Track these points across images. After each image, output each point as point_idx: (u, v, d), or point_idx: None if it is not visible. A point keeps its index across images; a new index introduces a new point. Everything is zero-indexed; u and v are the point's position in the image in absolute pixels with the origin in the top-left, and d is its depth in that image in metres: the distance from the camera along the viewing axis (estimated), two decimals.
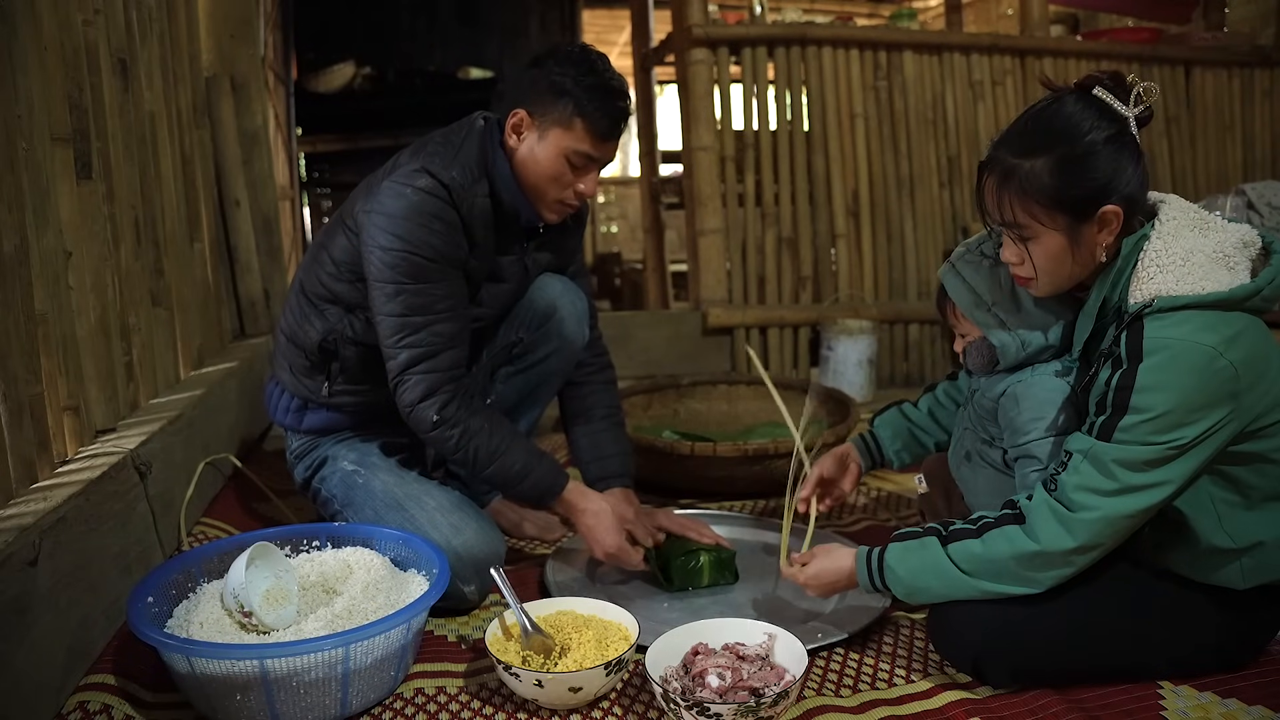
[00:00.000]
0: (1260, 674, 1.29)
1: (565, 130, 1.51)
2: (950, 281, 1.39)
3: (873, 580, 1.31)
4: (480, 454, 1.52)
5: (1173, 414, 1.11)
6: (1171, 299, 1.13)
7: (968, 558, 1.22)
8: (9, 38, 1.33)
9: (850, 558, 1.34)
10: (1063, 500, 1.16)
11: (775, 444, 2.00)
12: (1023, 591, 1.20)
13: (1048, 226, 1.20)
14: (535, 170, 1.55)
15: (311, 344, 1.66)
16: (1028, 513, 1.19)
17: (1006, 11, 5.97)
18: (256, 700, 1.16)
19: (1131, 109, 1.19)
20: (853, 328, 3.09)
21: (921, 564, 1.25)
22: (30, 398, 1.33)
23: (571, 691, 1.21)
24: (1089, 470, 1.15)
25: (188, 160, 2.28)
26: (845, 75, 3.35)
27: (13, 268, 1.30)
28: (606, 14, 7.26)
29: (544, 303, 1.76)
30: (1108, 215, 1.18)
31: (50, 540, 1.20)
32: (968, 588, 1.22)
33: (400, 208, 1.48)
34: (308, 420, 1.72)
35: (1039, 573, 1.19)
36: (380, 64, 5.37)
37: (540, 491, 1.57)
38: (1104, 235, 1.20)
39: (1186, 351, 1.11)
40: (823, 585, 1.38)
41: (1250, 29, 4.00)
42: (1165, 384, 1.11)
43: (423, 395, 1.49)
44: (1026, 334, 1.33)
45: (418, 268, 1.48)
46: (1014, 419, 1.33)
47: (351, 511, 1.62)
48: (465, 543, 1.51)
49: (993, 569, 1.20)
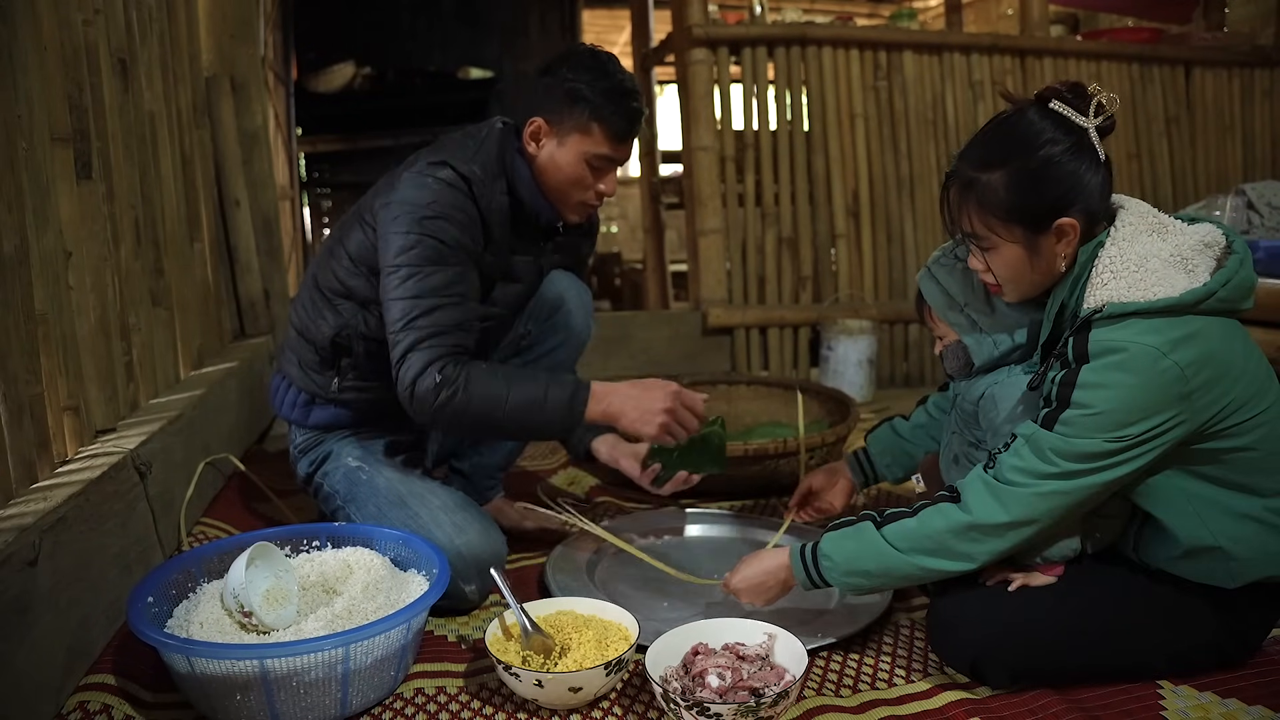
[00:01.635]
0: (1260, 674, 1.29)
1: (584, 135, 1.55)
2: (926, 285, 1.42)
3: (809, 573, 1.31)
4: (494, 395, 1.45)
5: (1114, 413, 1.13)
6: (1120, 305, 1.14)
7: (902, 535, 1.23)
8: (9, 38, 1.33)
9: (779, 556, 1.36)
10: (998, 476, 1.19)
11: (775, 444, 2.00)
12: (958, 568, 1.22)
13: (1005, 239, 1.22)
14: (557, 175, 1.58)
15: (324, 338, 1.66)
16: (962, 489, 1.22)
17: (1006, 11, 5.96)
18: (256, 700, 1.16)
19: (1091, 119, 1.19)
20: (853, 328, 3.09)
21: (858, 548, 1.26)
22: (30, 398, 1.33)
23: (571, 691, 1.21)
24: (1027, 453, 1.18)
25: (188, 160, 2.28)
26: (845, 75, 3.36)
27: (13, 268, 1.30)
28: (606, 14, 7.26)
29: (552, 295, 1.79)
30: (1064, 227, 1.20)
31: (50, 540, 1.20)
32: (903, 564, 1.23)
33: (420, 196, 1.50)
34: (314, 416, 1.72)
35: (973, 545, 1.20)
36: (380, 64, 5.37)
37: (568, 402, 1.47)
38: (1062, 246, 1.21)
39: (1129, 353, 1.12)
40: (751, 588, 1.39)
41: (1250, 29, 4.00)
42: (1106, 383, 1.13)
43: (423, 366, 1.45)
44: (997, 334, 1.35)
45: (433, 252, 1.48)
46: (992, 420, 1.35)
47: (354, 507, 1.62)
48: (468, 542, 1.51)
49: (927, 544, 1.21)
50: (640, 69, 3.99)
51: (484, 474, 1.91)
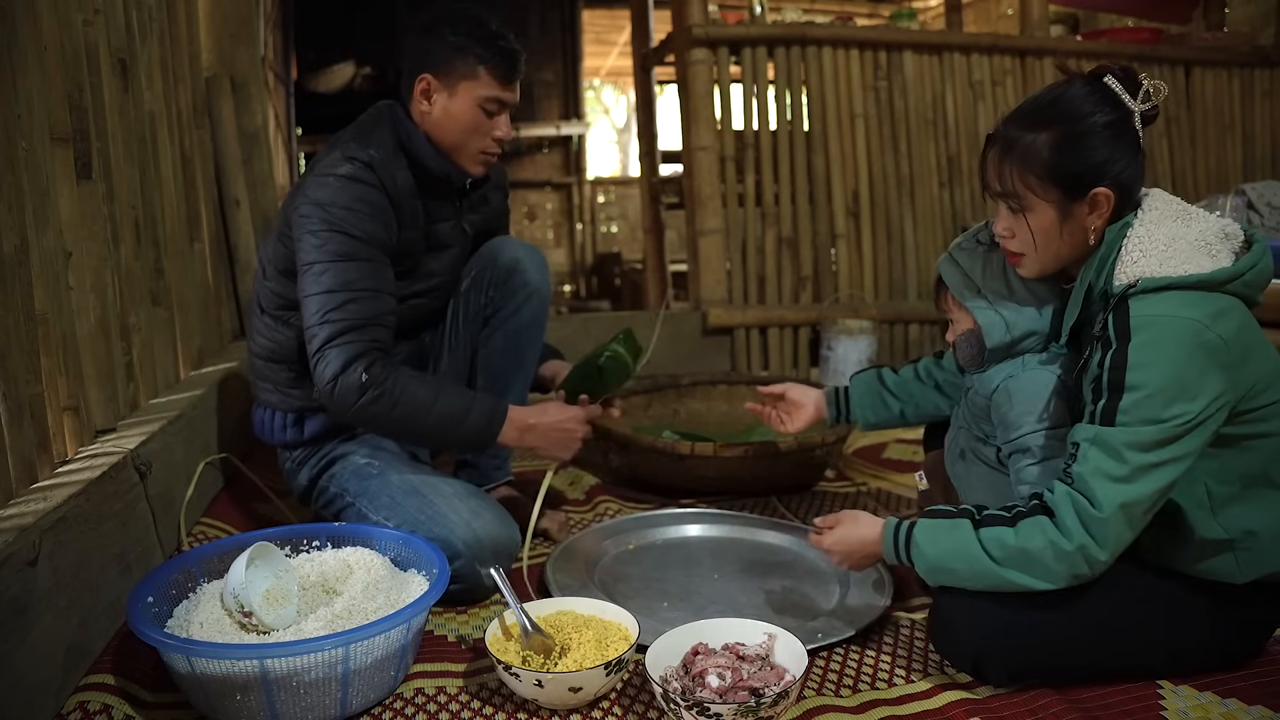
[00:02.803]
0: (1260, 674, 1.29)
1: (473, 81, 1.62)
2: (946, 267, 1.41)
3: (898, 553, 1.28)
4: (420, 401, 1.50)
5: (1170, 389, 1.12)
6: (1154, 279, 1.15)
7: (999, 544, 1.19)
8: (9, 38, 1.33)
9: (876, 527, 1.32)
10: (1083, 491, 1.15)
11: (775, 444, 2.00)
12: (1042, 587, 1.18)
13: (1040, 198, 1.24)
14: (453, 126, 1.64)
15: (290, 351, 1.68)
16: (1054, 506, 1.18)
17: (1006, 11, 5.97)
18: (256, 700, 1.16)
19: (1138, 104, 1.22)
20: (853, 328, 3.09)
21: (953, 546, 1.22)
22: (30, 398, 1.33)
23: (571, 691, 1.21)
24: (1099, 455, 1.14)
25: (188, 160, 2.28)
26: (845, 75, 3.36)
27: (13, 268, 1.30)
28: (606, 14, 7.27)
29: (506, 259, 1.83)
30: (1099, 197, 1.21)
31: (50, 540, 1.20)
32: (993, 574, 1.20)
33: (326, 195, 1.55)
34: (309, 428, 1.72)
35: (1067, 568, 1.17)
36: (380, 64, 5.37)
37: (487, 419, 1.56)
38: (1093, 218, 1.23)
39: (1173, 326, 1.13)
40: (845, 551, 1.36)
41: (1250, 29, 4.00)
42: (1157, 359, 1.12)
43: (346, 362, 1.47)
44: (1012, 315, 1.33)
45: (344, 247, 1.53)
46: (1006, 414, 1.34)
47: (365, 500, 1.62)
48: (484, 525, 1.53)
49: (1022, 559, 1.18)
50: (640, 69, 3.99)
51: (489, 453, 1.93)
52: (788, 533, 1.82)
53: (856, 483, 2.21)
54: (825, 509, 2.03)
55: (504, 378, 1.85)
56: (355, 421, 1.58)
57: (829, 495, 2.13)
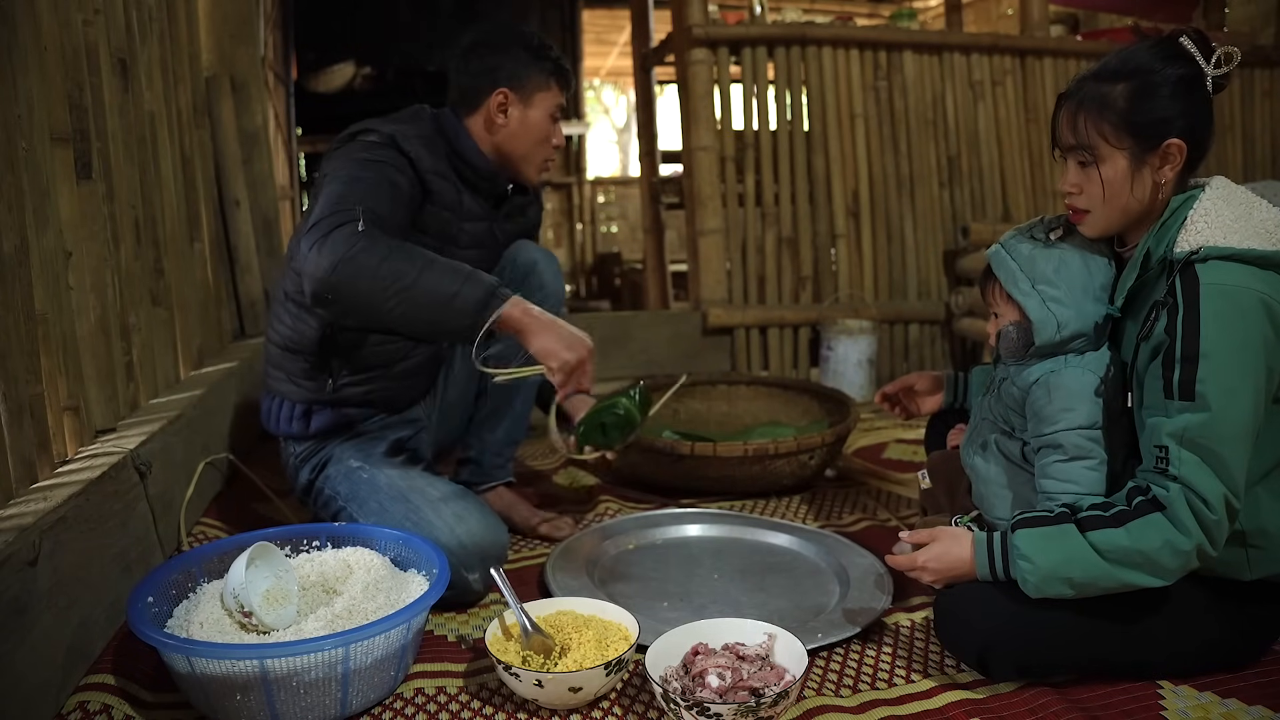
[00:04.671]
0: (1260, 674, 1.29)
1: (547, 92, 1.73)
2: (997, 257, 1.39)
3: (994, 570, 1.24)
4: (414, 256, 1.38)
5: (1243, 357, 1.13)
6: (1219, 248, 1.17)
7: (1113, 547, 1.16)
8: (9, 38, 1.33)
9: (969, 545, 1.28)
10: (1195, 490, 1.14)
11: (775, 444, 2.01)
12: (1158, 584, 1.17)
13: (1114, 147, 1.25)
14: (528, 136, 1.73)
15: (311, 342, 1.68)
16: (1169, 503, 1.15)
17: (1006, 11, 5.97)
18: (256, 700, 1.16)
19: (1210, 67, 1.25)
20: (853, 328, 3.09)
21: (1065, 555, 1.18)
22: (30, 398, 1.33)
23: (571, 691, 1.21)
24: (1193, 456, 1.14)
25: (188, 160, 2.28)
26: (845, 75, 3.35)
27: (13, 268, 1.30)
28: (606, 14, 7.26)
29: (524, 261, 1.86)
30: (1171, 149, 1.23)
31: (50, 540, 1.20)
32: (1109, 580, 1.17)
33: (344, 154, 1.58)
34: (315, 422, 1.72)
35: (1182, 564, 1.16)
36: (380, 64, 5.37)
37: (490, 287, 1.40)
38: (1165, 170, 1.25)
39: (1243, 295, 1.14)
40: (941, 570, 1.30)
41: (1250, 29, 4.00)
42: (1229, 327, 1.14)
43: (345, 220, 1.40)
44: (1065, 315, 1.31)
45: (358, 168, 1.54)
46: (1043, 408, 1.32)
47: (356, 505, 1.63)
48: (469, 530, 1.52)
49: (1137, 559, 1.16)
50: (640, 69, 3.99)
51: (491, 452, 1.93)
52: (788, 533, 1.82)
53: (856, 483, 2.21)
54: (825, 509, 2.03)
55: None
56: (339, 278, 1.37)
57: (829, 495, 2.13)
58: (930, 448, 1.78)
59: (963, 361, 3.45)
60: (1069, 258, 1.32)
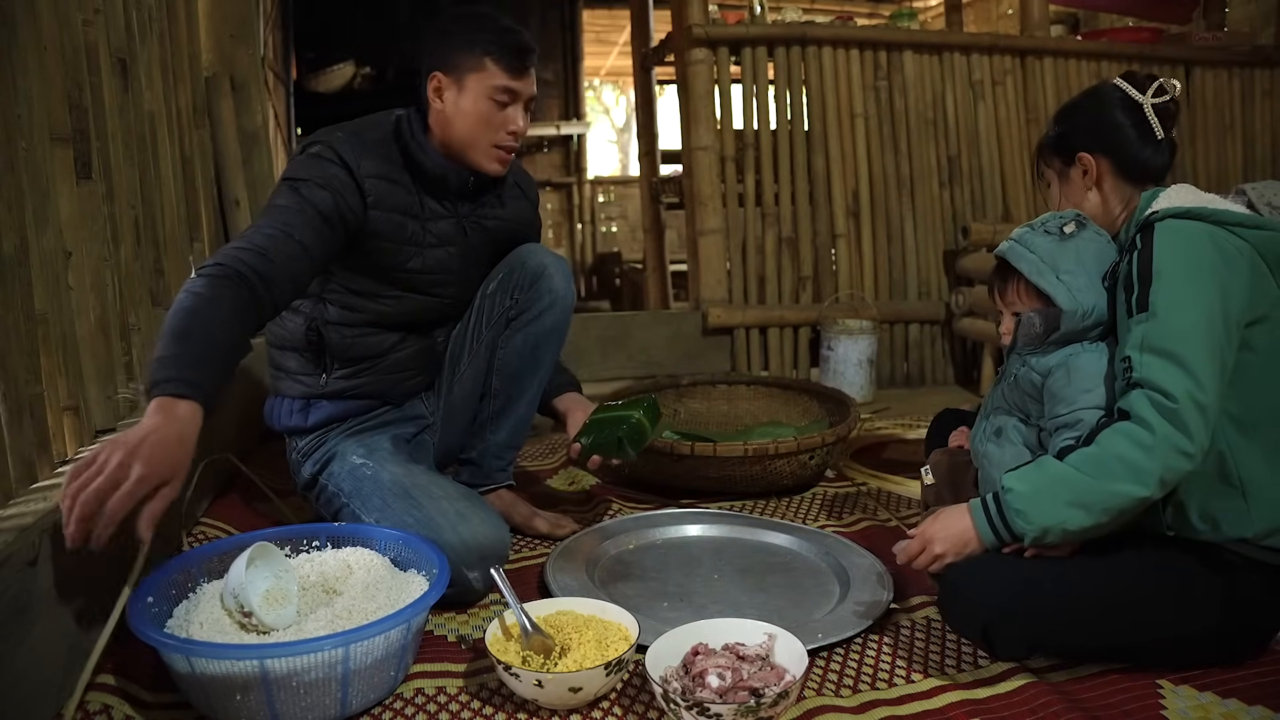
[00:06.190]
0: (1260, 674, 1.29)
1: (480, 73, 1.63)
2: (1014, 252, 1.43)
3: (994, 526, 1.28)
4: (174, 318, 1.30)
5: (1193, 268, 1.22)
6: (1177, 208, 1.28)
7: (1087, 461, 1.21)
8: (9, 38, 1.33)
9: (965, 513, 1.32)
10: (1152, 386, 1.20)
11: (775, 444, 2.00)
12: (1144, 492, 1.19)
13: (1048, 167, 1.50)
14: (465, 121, 1.65)
15: (299, 338, 1.72)
16: (1128, 407, 1.21)
17: (1006, 11, 5.97)
18: (256, 700, 1.16)
19: (1147, 97, 1.41)
20: (853, 328, 3.09)
21: (1051, 483, 1.23)
22: (30, 398, 1.33)
23: (571, 692, 1.21)
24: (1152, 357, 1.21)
25: (188, 160, 2.28)
26: (845, 75, 3.36)
27: (13, 268, 1.30)
28: (606, 14, 7.27)
29: (534, 264, 1.84)
30: (1083, 160, 1.42)
31: (50, 540, 1.20)
32: (1098, 493, 1.20)
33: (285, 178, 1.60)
34: (313, 416, 1.75)
35: (1159, 463, 1.18)
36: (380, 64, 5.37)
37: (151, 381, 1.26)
38: (1088, 178, 1.43)
39: (1195, 228, 1.26)
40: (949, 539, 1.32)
41: (1250, 29, 4.00)
42: (1178, 247, 1.24)
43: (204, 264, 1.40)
44: (1088, 303, 1.38)
45: (277, 196, 1.56)
46: (1063, 389, 1.38)
47: (359, 501, 1.63)
48: (471, 529, 1.53)
49: (1118, 466, 1.19)
50: (640, 69, 4.00)
51: (493, 454, 1.93)
52: (788, 533, 1.82)
53: (856, 483, 2.21)
54: (825, 509, 2.03)
55: (519, 379, 1.87)
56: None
57: (829, 495, 2.13)
58: (931, 448, 1.78)
59: (963, 361, 3.45)
60: (1084, 250, 1.40)
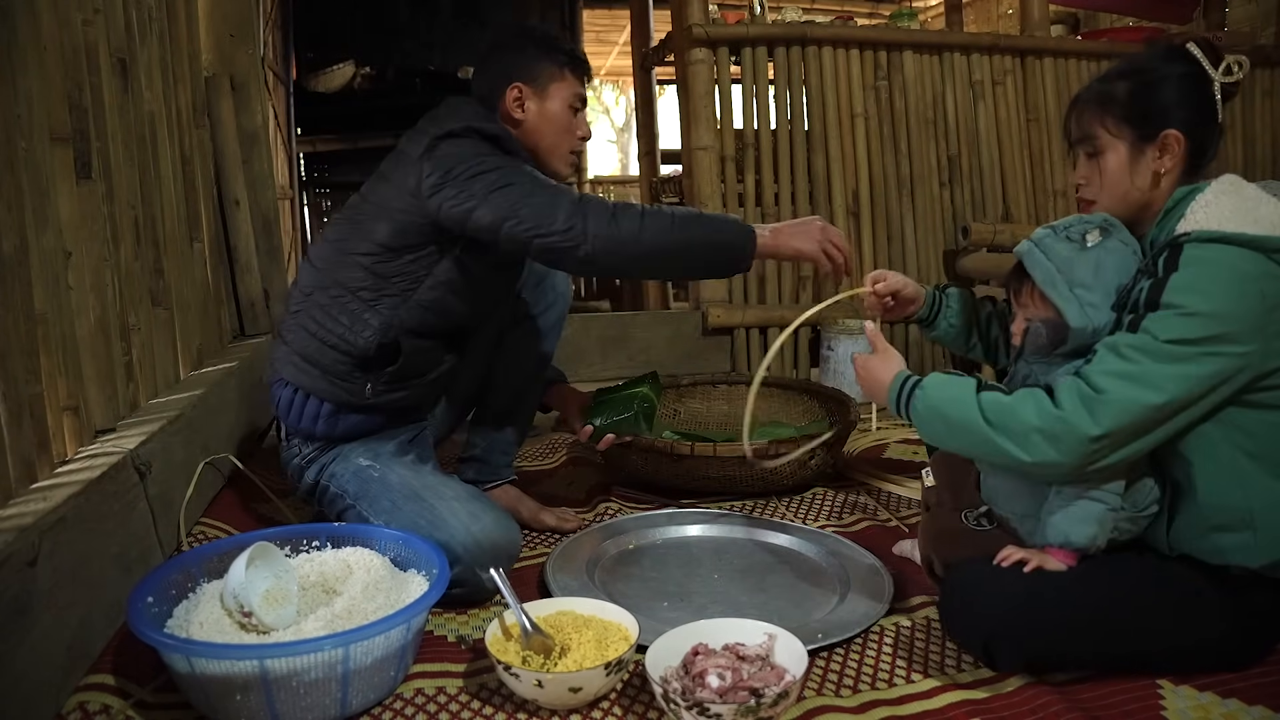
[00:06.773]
0: (1260, 674, 1.29)
1: (562, 83, 1.74)
2: (1031, 256, 1.37)
3: (899, 399, 1.36)
4: (677, 214, 1.56)
5: (1199, 316, 1.16)
6: (1210, 231, 1.20)
7: (994, 406, 1.25)
8: (9, 38, 1.33)
9: (891, 371, 1.41)
10: (1085, 378, 1.21)
11: (775, 444, 2.00)
12: (1021, 457, 1.22)
13: (1115, 136, 1.34)
14: (550, 128, 1.74)
15: (366, 342, 1.63)
16: (1056, 390, 1.23)
17: (1006, 11, 5.97)
18: (256, 700, 1.16)
19: (1218, 74, 1.30)
20: (853, 328, 3.09)
21: (955, 394, 1.29)
22: (30, 398, 1.33)
23: (571, 692, 1.21)
24: (1107, 355, 1.21)
25: (188, 160, 2.28)
26: (845, 75, 3.36)
27: (13, 268, 1.30)
28: (606, 14, 7.26)
29: (540, 266, 1.91)
30: (1169, 140, 1.30)
31: (50, 540, 1.20)
32: (978, 433, 1.25)
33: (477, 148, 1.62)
34: (342, 425, 1.68)
35: (1051, 446, 1.20)
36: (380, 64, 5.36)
37: (745, 235, 1.62)
38: (1163, 160, 1.31)
39: (1223, 265, 1.17)
40: (864, 378, 1.47)
41: (1250, 29, 4.01)
42: (1197, 287, 1.17)
43: (580, 200, 1.55)
44: (1097, 318, 1.31)
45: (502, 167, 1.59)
46: None
47: (366, 503, 1.61)
48: (484, 529, 1.52)
49: (1013, 425, 1.23)
50: (640, 69, 4.00)
51: (499, 449, 1.94)
52: (788, 533, 1.82)
53: (857, 483, 2.21)
54: (825, 509, 2.03)
55: (524, 375, 1.91)
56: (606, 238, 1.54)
57: (829, 495, 2.13)
58: (931, 449, 1.78)
59: (962, 361, 3.45)
60: (1105, 263, 1.31)
